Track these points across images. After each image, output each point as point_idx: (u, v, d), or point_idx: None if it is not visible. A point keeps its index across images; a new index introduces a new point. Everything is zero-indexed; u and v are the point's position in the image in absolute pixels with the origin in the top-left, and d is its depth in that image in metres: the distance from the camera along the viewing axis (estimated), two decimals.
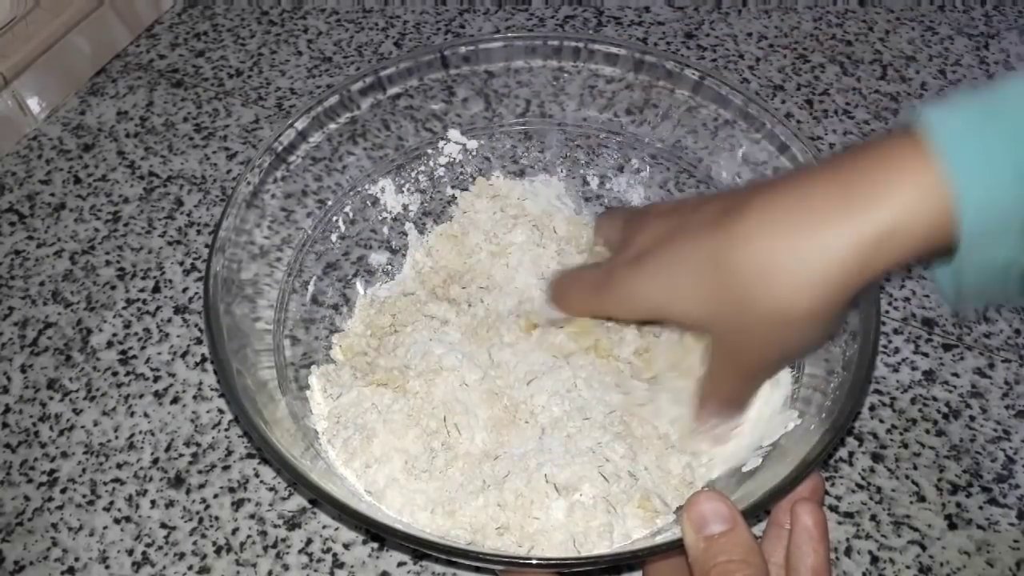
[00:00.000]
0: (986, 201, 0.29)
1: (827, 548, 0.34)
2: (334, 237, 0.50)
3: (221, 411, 0.49)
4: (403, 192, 0.53)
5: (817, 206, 0.31)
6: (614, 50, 0.50)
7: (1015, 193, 0.28)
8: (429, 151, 0.53)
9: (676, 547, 0.33)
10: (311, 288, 0.49)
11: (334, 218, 0.50)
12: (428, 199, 0.53)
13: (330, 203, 0.50)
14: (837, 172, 0.32)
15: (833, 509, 0.44)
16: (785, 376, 0.42)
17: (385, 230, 0.52)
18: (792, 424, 0.40)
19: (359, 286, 0.51)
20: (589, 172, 0.54)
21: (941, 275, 0.32)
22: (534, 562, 0.34)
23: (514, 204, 0.53)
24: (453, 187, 0.54)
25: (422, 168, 0.53)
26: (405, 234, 0.53)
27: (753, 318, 0.33)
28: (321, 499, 0.35)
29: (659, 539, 0.37)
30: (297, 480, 0.36)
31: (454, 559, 0.38)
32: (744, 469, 0.40)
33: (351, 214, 0.51)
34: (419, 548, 0.37)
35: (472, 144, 0.53)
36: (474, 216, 0.52)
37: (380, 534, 0.36)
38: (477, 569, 0.42)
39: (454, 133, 0.53)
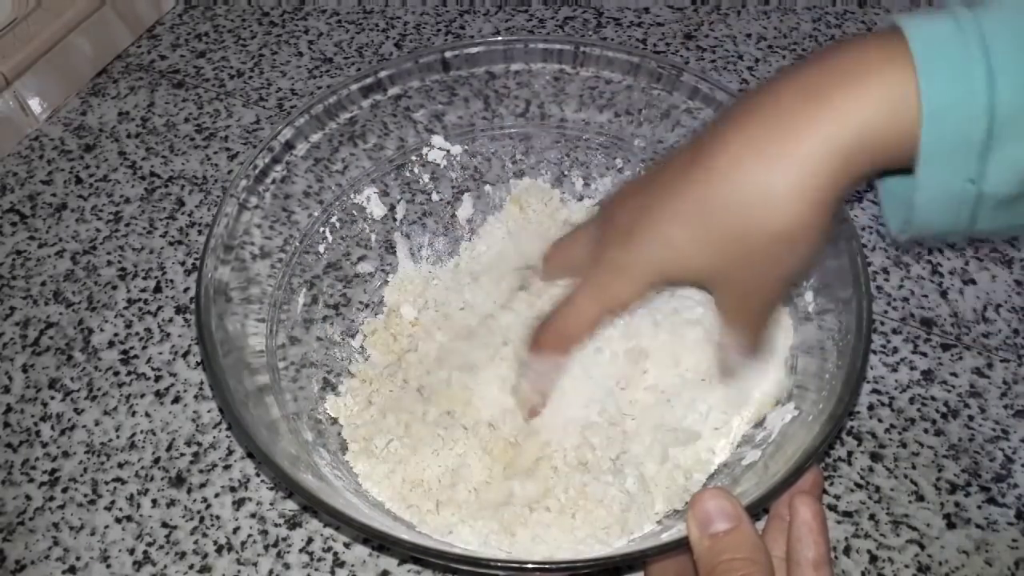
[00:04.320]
0: (948, 117, 0.29)
1: (827, 541, 0.34)
2: (332, 237, 0.51)
3: (222, 411, 0.49)
4: (389, 196, 0.53)
5: (788, 118, 0.31)
6: (611, 53, 0.51)
7: (978, 113, 0.28)
8: (413, 157, 0.53)
9: (681, 545, 0.33)
10: (311, 288, 0.49)
11: (333, 218, 0.51)
12: (416, 205, 0.54)
13: (329, 203, 0.50)
14: (807, 79, 0.31)
15: (832, 508, 0.44)
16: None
17: (373, 236, 0.52)
18: (790, 416, 0.40)
19: (361, 287, 0.51)
20: (578, 173, 0.54)
21: (890, 196, 0.32)
22: (530, 567, 0.34)
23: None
24: (439, 192, 0.54)
25: (408, 173, 0.53)
26: (404, 239, 0.53)
27: (755, 248, 0.33)
28: (320, 509, 0.35)
29: (664, 537, 0.37)
30: (297, 492, 0.36)
31: (453, 565, 0.38)
32: (744, 463, 0.41)
33: (350, 214, 0.51)
34: (419, 555, 0.37)
35: (456, 149, 0.53)
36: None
37: (379, 542, 0.36)
38: (480, 574, 0.43)
39: (438, 139, 0.53)
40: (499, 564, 0.35)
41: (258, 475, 0.46)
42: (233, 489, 0.46)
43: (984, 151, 0.29)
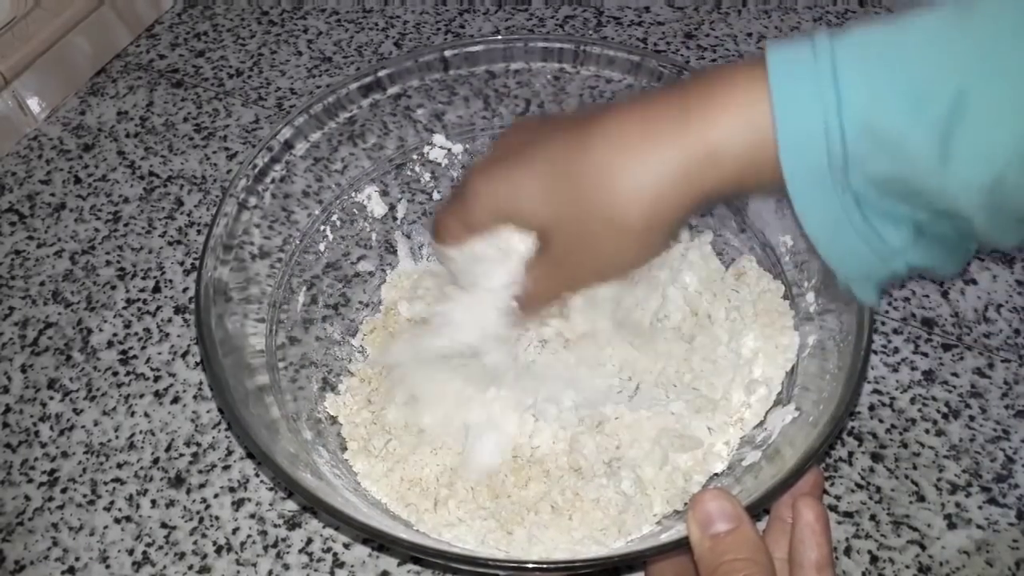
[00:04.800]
0: (800, 130, 0.30)
1: (829, 542, 0.34)
2: (332, 236, 0.50)
3: (221, 411, 0.49)
4: (389, 195, 0.53)
5: (656, 123, 0.34)
6: (611, 52, 0.50)
7: (826, 132, 0.30)
8: (414, 156, 0.53)
9: (681, 546, 0.33)
10: (311, 288, 0.49)
11: (332, 217, 0.50)
12: (417, 204, 0.53)
13: (329, 202, 0.50)
14: (681, 93, 0.34)
15: (833, 509, 0.44)
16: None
17: (373, 236, 0.52)
18: (790, 417, 0.40)
19: (359, 286, 0.51)
20: None
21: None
22: (530, 566, 0.34)
23: None
24: (440, 191, 0.54)
25: (409, 172, 0.53)
26: (404, 238, 0.53)
27: (588, 224, 0.35)
28: (319, 508, 0.35)
29: (664, 538, 0.37)
30: (296, 491, 0.36)
31: (452, 565, 0.38)
32: (744, 463, 0.41)
33: (350, 214, 0.51)
34: (417, 555, 0.37)
35: (457, 148, 0.53)
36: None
37: (378, 541, 0.36)
38: (478, 574, 0.42)
39: (439, 138, 0.53)
40: (499, 564, 0.35)
41: (257, 475, 0.46)
42: (232, 490, 0.46)
43: (844, 165, 0.30)
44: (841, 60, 0.30)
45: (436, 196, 0.54)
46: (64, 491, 0.46)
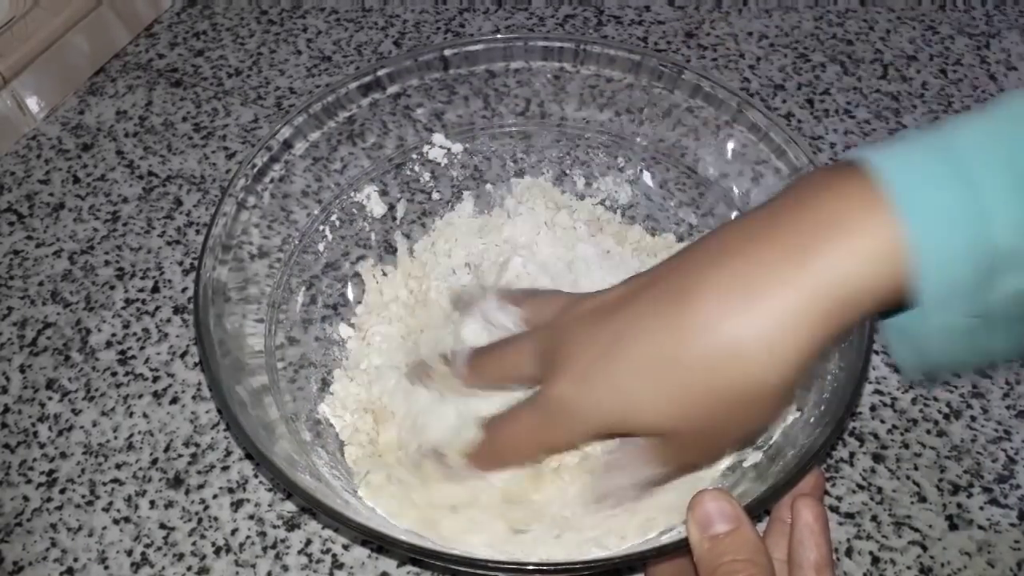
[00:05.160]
0: (944, 259, 0.28)
1: (829, 543, 0.34)
2: (331, 236, 0.50)
3: (220, 411, 0.48)
4: (389, 195, 0.52)
5: (767, 272, 0.30)
6: (612, 51, 0.50)
7: (972, 254, 0.27)
8: (413, 156, 0.53)
9: (681, 547, 0.33)
10: (310, 288, 0.49)
11: (332, 217, 0.50)
12: (416, 204, 0.53)
13: (328, 202, 0.50)
14: (782, 227, 0.30)
15: (834, 510, 0.44)
16: None
17: (373, 236, 0.52)
18: (791, 417, 0.40)
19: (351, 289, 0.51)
20: (579, 172, 0.54)
21: (894, 335, 0.32)
22: (530, 567, 0.34)
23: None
24: (440, 191, 0.54)
25: (408, 172, 0.53)
26: (404, 238, 0.53)
27: (719, 407, 0.32)
28: (318, 510, 0.35)
29: (664, 539, 0.37)
30: (295, 492, 0.36)
31: (452, 567, 0.38)
32: (745, 464, 0.40)
33: (349, 213, 0.51)
34: (417, 556, 0.36)
35: (457, 147, 0.53)
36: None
37: (377, 543, 0.36)
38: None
39: (439, 137, 0.53)
40: (499, 565, 0.35)
41: (256, 476, 0.46)
42: (231, 490, 0.45)
43: (986, 287, 0.28)
44: (976, 168, 0.27)
45: (436, 196, 0.53)
46: (63, 492, 0.46)
